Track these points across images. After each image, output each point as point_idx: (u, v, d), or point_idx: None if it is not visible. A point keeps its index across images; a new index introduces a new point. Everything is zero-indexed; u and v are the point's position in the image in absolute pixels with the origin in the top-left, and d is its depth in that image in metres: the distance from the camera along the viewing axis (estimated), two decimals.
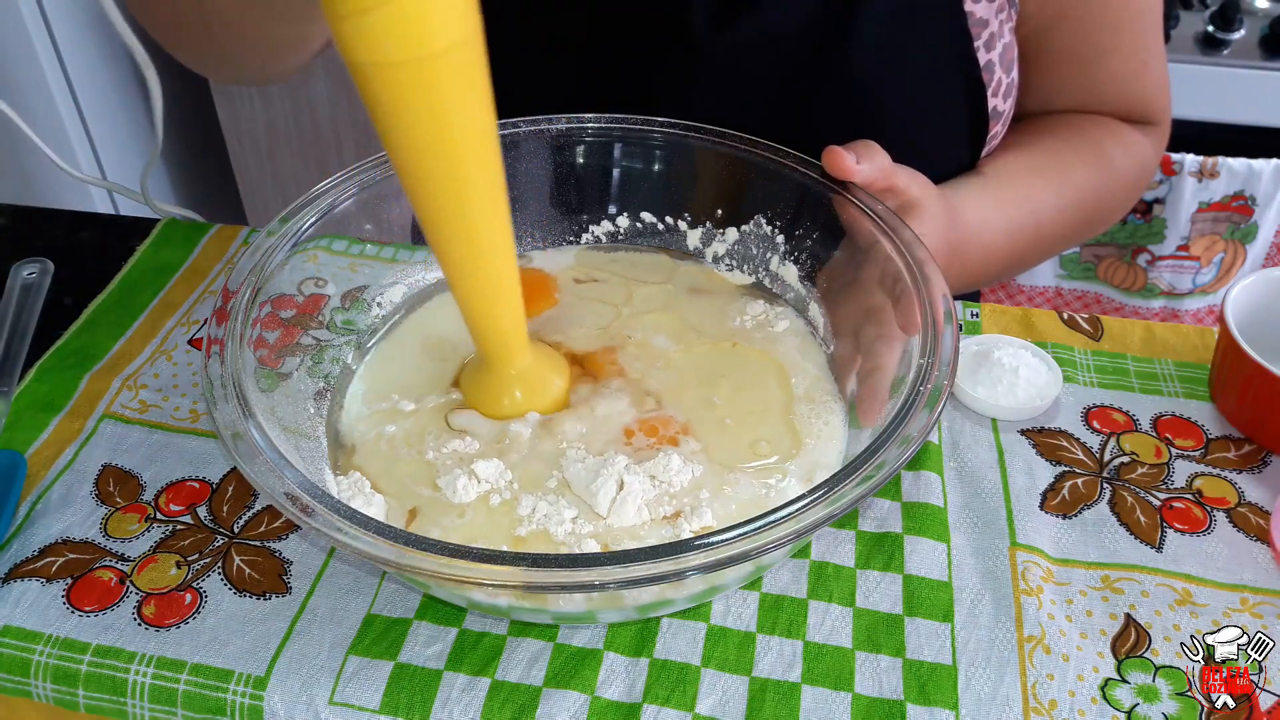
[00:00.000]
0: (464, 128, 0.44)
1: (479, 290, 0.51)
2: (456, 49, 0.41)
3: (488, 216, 0.48)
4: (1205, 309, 1.49)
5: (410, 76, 0.41)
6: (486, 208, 0.47)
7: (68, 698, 0.50)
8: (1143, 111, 0.77)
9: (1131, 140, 0.76)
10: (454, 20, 0.40)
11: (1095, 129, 0.75)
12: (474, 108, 0.44)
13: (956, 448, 0.61)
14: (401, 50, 0.40)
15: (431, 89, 0.42)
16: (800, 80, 0.69)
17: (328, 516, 0.42)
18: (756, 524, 0.41)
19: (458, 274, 0.50)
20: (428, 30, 0.40)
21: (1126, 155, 0.76)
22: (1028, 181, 0.73)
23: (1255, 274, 0.63)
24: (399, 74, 0.41)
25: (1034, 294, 1.54)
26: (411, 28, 0.39)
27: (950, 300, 0.51)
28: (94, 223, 0.80)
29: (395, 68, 0.40)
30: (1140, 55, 0.74)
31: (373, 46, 0.40)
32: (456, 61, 0.41)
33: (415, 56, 0.40)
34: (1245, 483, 0.59)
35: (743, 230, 0.64)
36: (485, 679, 0.49)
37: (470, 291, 0.51)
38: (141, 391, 0.64)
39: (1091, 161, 0.74)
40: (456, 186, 0.46)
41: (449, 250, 0.49)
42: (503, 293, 0.51)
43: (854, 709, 0.48)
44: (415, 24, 0.39)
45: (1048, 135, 0.75)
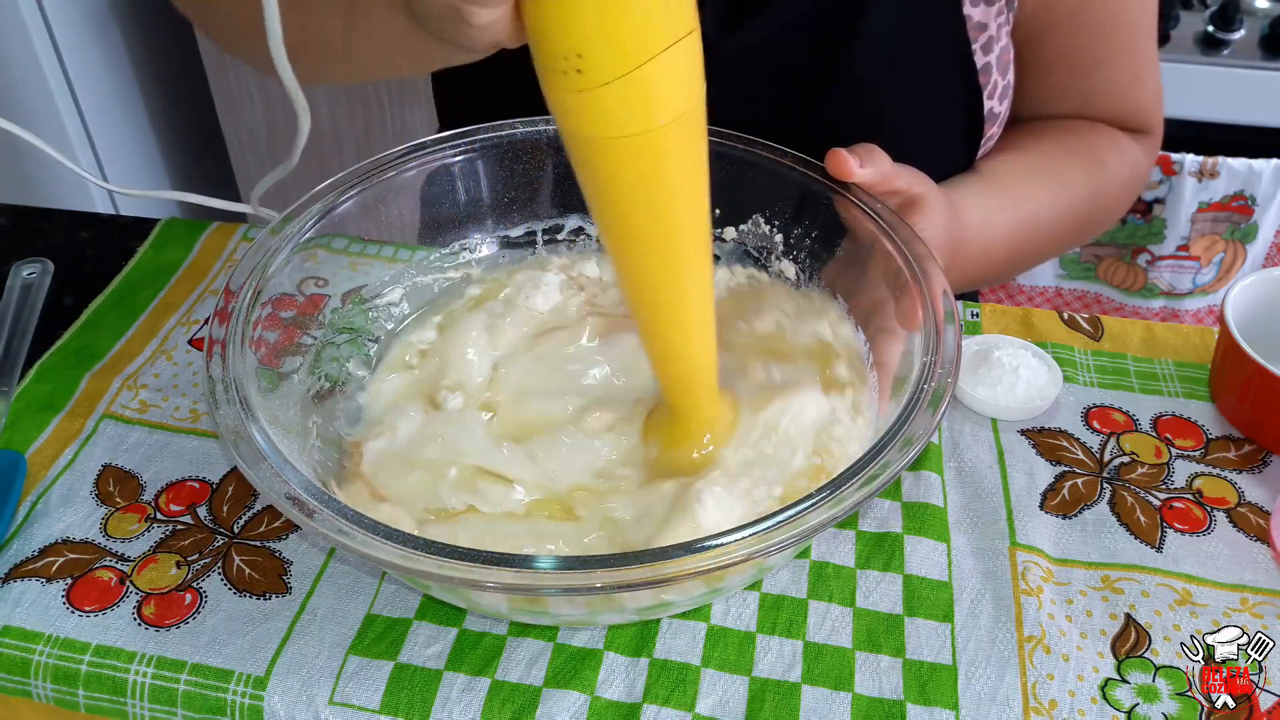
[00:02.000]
0: (684, 196, 0.44)
1: (683, 348, 0.50)
2: (683, 118, 0.41)
3: (698, 279, 0.47)
4: (1205, 309, 1.49)
5: (638, 148, 0.41)
6: (697, 270, 0.47)
7: (68, 698, 0.50)
8: (1136, 121, 0.77)
9: (1125, 148, 0.77)
10: (683, 91, 0.40)
11: (1091, 136, 0.76)
12: (694, 174, 0.44)
13: (956, 448, 0.61)
14: (634, 124, 0.40)
15: (658, 159, 0.42)
16: (806, 81, 0.69)
17: (330, 518, 0.42)
18: (759, 527, 0.41)
19: (663, 331, 0.50)
20: (661, 103, 0.40)
21: (1121, 163, 0.76)
22: (1027, 184, 0.73)
23: (1255, 274, 0.64)
24: (626, 146, 0.41)
25: (1034, 294, 1.54)
26: (647, 101, 0.39)
27: (951, 299, 0.51)
28: (94, 223, 0.80)
29: (623, 140, 0.40)
30: (1135, 65, 0.75)
31: (603, 122, 0.40)
32: (683, 131, 0.41)
33: (646, 129, 0.40)
34: (1245, 483, 0.59)
35: (741, 229, 0.64)
36: (485, 679, 0.49)
37: (673, 349, 0.50)
38: (141, 391, 0.64)
39: (1088, 167, 0.74)
40: (671, 253, 0.46)
41: (656, 310, 0.49)
42: (706, 346, 0.50)
43: (854, 709, 0.48)
44: (651, 97, 0.39)
45: (1045, 140, 0.75)
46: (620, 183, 0.43)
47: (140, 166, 1.74)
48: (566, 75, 0.39)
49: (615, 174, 0.42)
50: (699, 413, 0.53)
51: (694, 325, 0.49)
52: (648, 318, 0.50)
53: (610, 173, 0.42)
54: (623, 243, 0.47)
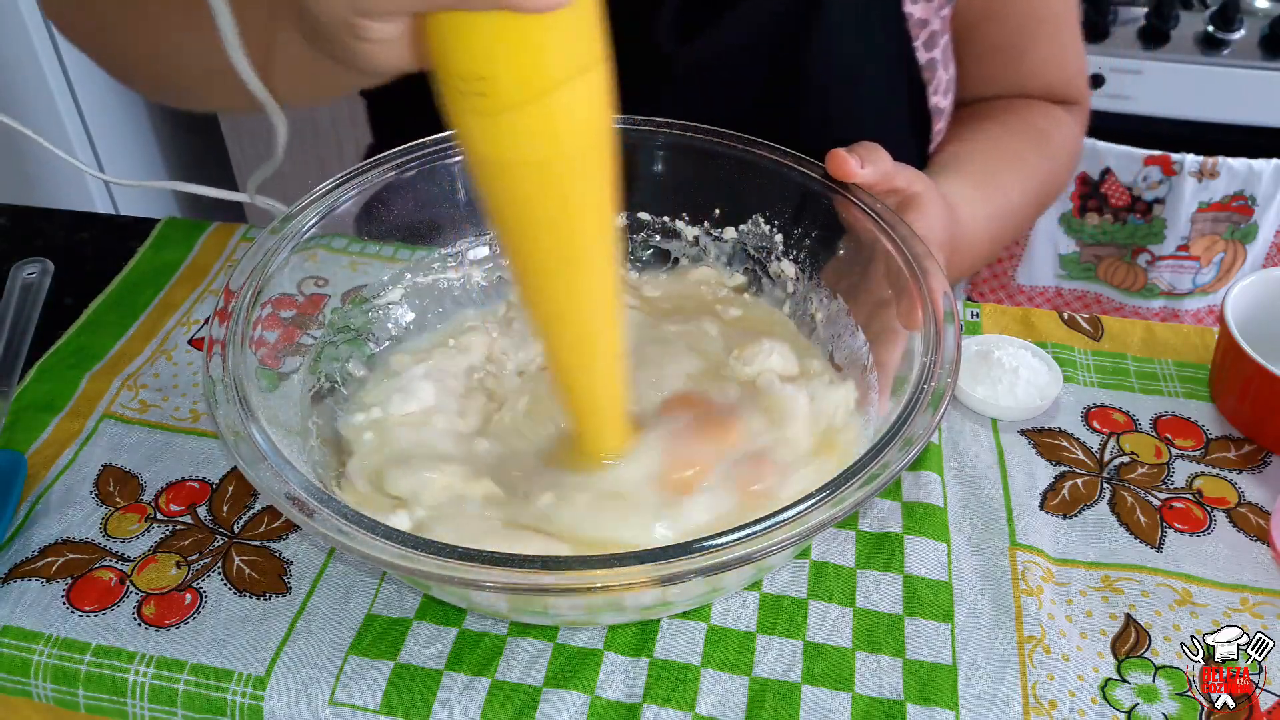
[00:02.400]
0: (585, 225, 0.43)
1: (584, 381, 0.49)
2: (587, 149, 0.40)
3: (600, 307, 0.47)
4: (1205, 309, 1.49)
5: (539, 176, 0.40)
6: (599, 298, 0.46)
7: (68, 698, 0.50)
8: (1066, 93, 0.80)
9: (1064, 122, 0.80)
10: (588, 122, 0.40)
11: (1035, 116, 0.78)
12: (597, 205, 0.43)
13: (956, 448, 0.61)
14: (536, 151, 0.39)
15: (560, 187, 0.41)
16: (761, 89, 0.71)
17: (330, 518, 0.42)
18: (759, 526, 0.41)
19: (565, 364, 0.49)
20: (565, 132, 0.39)
21: (1062, 138, 0.80)
22: (1000, 173, 0.75)
23: (1255, 274, 0.64)
24: (528, 173, 0.40)
25: (1034, 294, 1.54)
26: (551, 129, 0.39)
27: (952, 299, 0.51)
28: (94, 223, 0.80)
29: (524, 167, 0.40)
30: (1059, 45, 0.78)
31: (506, 146, 0.39)
32: (586, 161, 0.41)
33: (548, 157, 0.39)
34: (1245, 483, 0.59)
35: (740, 229, 0.64)
36: (485, 679, 0.49)
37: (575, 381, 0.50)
38: (141, 391, 0.64)
39: (1040, 148, 0.77)
40: (571, 282, 0.45)
41: (559, 342, 0.48)
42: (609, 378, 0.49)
43: (854, 709, 0.48)
44: (555, 125, 0.39)
45: (997, 125, 0.78)
46: (520, 208, 0.42)
47: (140, 165, 1.74)
48: (468, 97, 0.38)
49: (516, 199, 0.42)
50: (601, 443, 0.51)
51: (595, 355, 0.48)
52: (550, 344, 0.49)
53: (511, 198, 0.42)
54: (522, 269, 0.46)
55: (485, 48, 0.37)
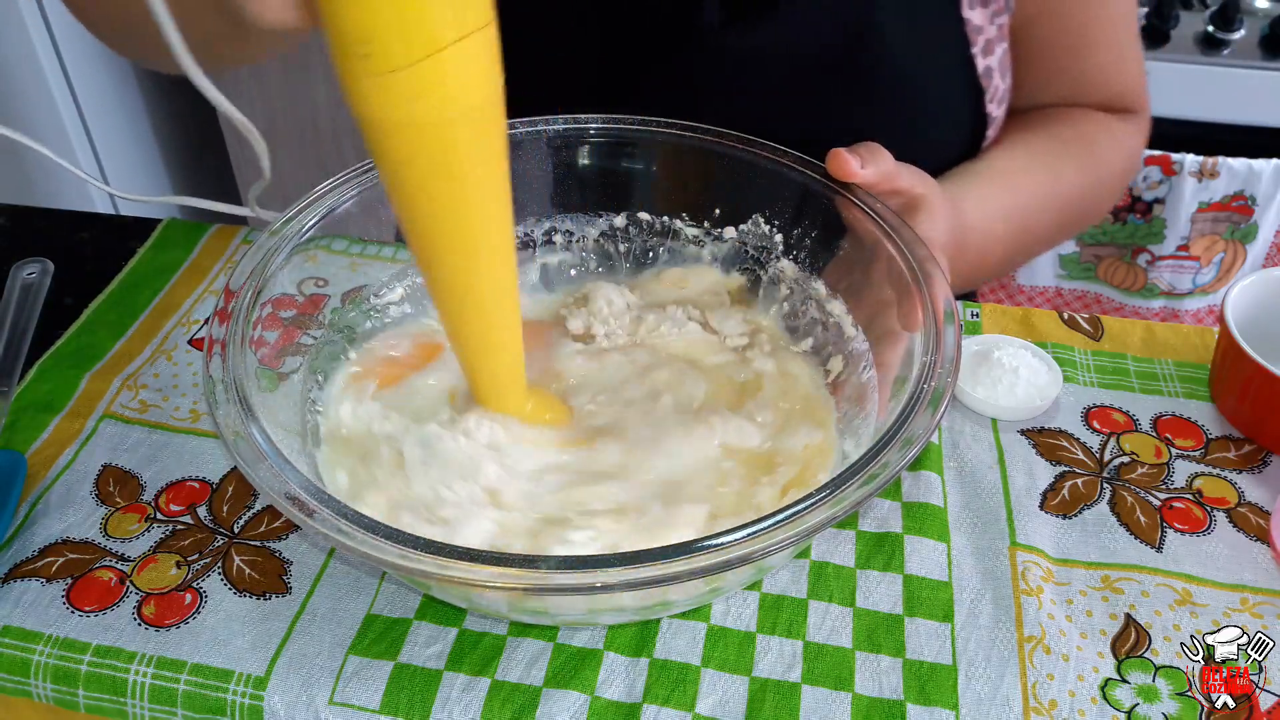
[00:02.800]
0: (477, 187, 0.43)
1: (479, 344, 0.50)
2: (475, 111, 0.40)
3: (495, 273, 0.47)
4: (1205, 309, 1.49)
5: (428, 138, 0.40)
6: (494, 265, 0.47)
7: (68, 698, 0.50)
8: (1125, 101, 0.78)
9: (1119, 133, 0.77)
10: (477, 84, 0.40)
11: (1086, 124, 0.76)
12: (489, 167, 0.43)
13: (956, 448, 0.61)
14: (423, 113, 0.39)
15: (449, 150, 0.41)
16: (814, 85, 0.69)
17: (329, 518, 0.42)
18: (759, 526, 0.41)
19: (459, 326, 0.49)
20: (453, 94, 0.39)
21: (1115, 150, 0.77)
22: (1022, 180, 0.73)
23: (1255, 274, 0.64)
24: (416, 135, 0.40)
25: (1034, 294, 1.54)
26: (438, 90, 0.39)
27: (952, 299, 0.51)
28: (94, 223, 0.80)
29: (412, 129, 0.40)
30: (1119, 47, 0.76)
31: (392, 107, 0.39)
32: (475, 124, 0.41)
33: (435, 120, 0.40)
34: (1245, 483, 0.59)
35: (740, 229, 0.64)
36: (485, 679, 0.49)
37: (470, 344, 0.50)
38: (141, 391, 0.64)
39: (1083, 159, 0.75)
40: (467, 243, 0.45)
41: (451, 304, 0.49)
42: (505, 344, 0.50)
43: (854, 709, 0.48)
44: (442, 87, 0.39)
45: (1040, 133, 0.76)
46: (410, 170, 0.42)
47: (140, 166, 1.74)
48: (354, 59, 0.38)
49: (405, 161, 0.42)
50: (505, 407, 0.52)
51: (489, 316, 0.49)
52: (444, 307, 0.49)
53: (400, 159, 0.42)
54: (413, 232, 0.46)
55: (371, 8, 0.37)
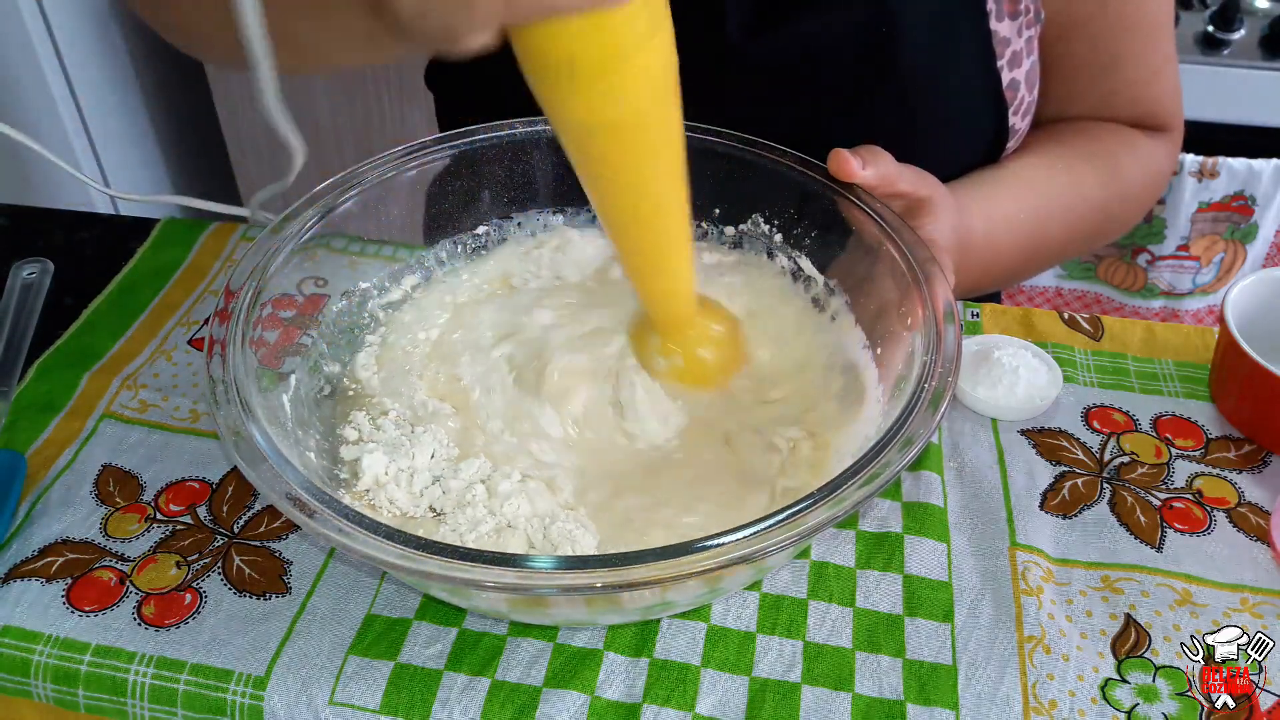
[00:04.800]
0: (671, 164, 0.48)
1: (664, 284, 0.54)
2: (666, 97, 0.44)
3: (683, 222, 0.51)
4: (1205, 309, 1.49)
5: (629, 131, 0.44)
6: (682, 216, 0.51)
7: (68, 698, 0.50)
8: (1155, 118, 0.77)
9: (1144, 150, 0.76)
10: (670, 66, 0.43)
11: (1110, 139, 0.75)
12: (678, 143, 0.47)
13: (956, 448, 0.61)
14: (625, 109, 0.43)
15: (646, 136, 0.45)
16: (838, 95, 0.69)
17: (330, 518, 0.42)
18: (759, 526, 0.41)
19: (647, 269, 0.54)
20: (651, 83, 0.43)
21: (1139, 166, 0.76)
22: (1037, 189, 0.73)
23: (1255, 274, 0.63)
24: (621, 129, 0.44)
25: (1034, 294, 1.54)
26: (640, 84, 0.42)
27: (952, 299, 0.51)
28: (94, 223, 0.80)
29: (615, 126, 0.44)
30: (1153, 62, 0.74)
31: (595, 110, 0.43)
32: (667, 107, 0.45)
33: (636, 112, 0.43)
34: (1245, 483, 0.59)
35: (740, 229, 0.64)
36: (485, 679, 0.49)
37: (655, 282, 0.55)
38: (141, 391, 0.64)
39: (1104, 174, 0.74)
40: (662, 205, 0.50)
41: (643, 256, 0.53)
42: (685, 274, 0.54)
43: (854, 709, 0.48)
44: (643, 80, 0.42)
45: (1063, 144, 0.75)
46: (610, 164, 0.47)
47: (141, 167, 1.74)
48: (561, 78, 0.41)
49: (604, 157, 0.46)
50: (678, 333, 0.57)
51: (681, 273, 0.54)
52: (641, 265, 0.54)
53: (600, 156, 0.46)
54: (618, 220, 0.51)
55: (571, 37, 0.39)
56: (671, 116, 0.46)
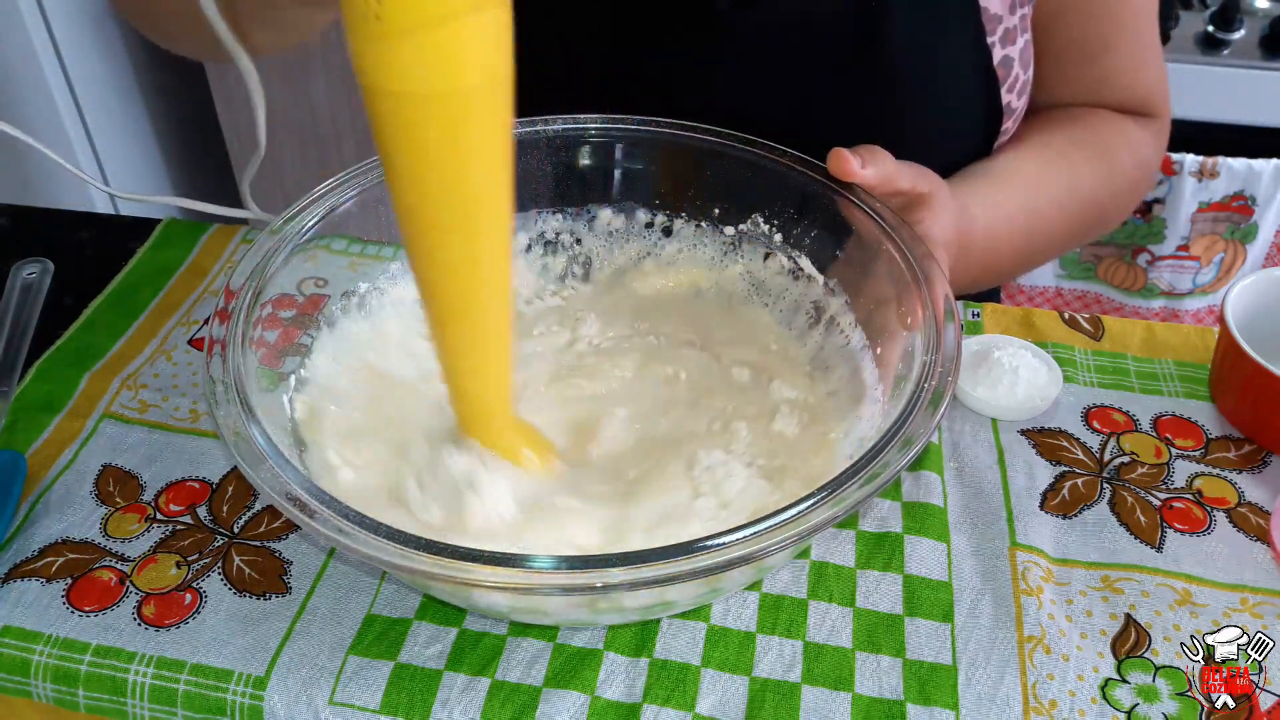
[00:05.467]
0: (481, 173, 0.42)
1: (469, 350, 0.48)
2: (484, 89, 0.40)
3: (489, 272, 0.46)
4: (1205, 309, 1.49)
5: (433, 110, 0.39)
6: (489, 262, 0.45)
7: (68, 698, 0.50)
8: (1145, 104, 0.78)
9: (1136, 139, 0.77)
10: (487, 60, 0.39)
11: (1104, 129, 0.76)
12: (493, 151, 0.42)
13: (956, 448, 0.61)
14: (431, 82, 0.38)
15: (454, 126, 0.40)
16: (829, 68, 0.69)
17: (330, 518, 0.42)
18: (759, 526, 0.41)
19: (447, 324, 0.47)
20: (462, 66, 0.38)
21: (1132, 156, 0.76)
22: (1034, 183, 0.73)
23: (1255, 274, 0.63)
24: (421, 105, 0.39)
25: (1034, 294, 1.54)
26: (449, 59, 0.38)
27: (952, 299, 0.51)
28: (94, 223, 0.80)
29: (418, 99, 0.39)
30: (1140, 49, 0.75)
31: (399, 75, 0.38)
32: (483, 102, 0.40)
33: (442, 91, 0.39)
34: (1245, 483, 0.59)
35: (739, 229, 0.64)
36: (485, 679, 0.49)
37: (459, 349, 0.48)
38: (141, 391, 0.64)
39: (1098, 165, 0.74)
40: (462, 232, 0.44)
41: (440, 296, 0.46)
42: (491, 356, 0.48)
43: (854, 709, 0.48)
44: (452, 56, 0.38)
45: (1057, 134, 0.75)
46: (412, 145, 0.41)
47: (140, 166, 1.74)
48: (366, 21, 0.37)
49: (408, 135, 0.41)
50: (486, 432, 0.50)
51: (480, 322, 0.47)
52: (432, 309, 0.47)
53: (404, 133, 0.41)
54: (407, 216, 0.44)
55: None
56: (492, 117, 0.41)
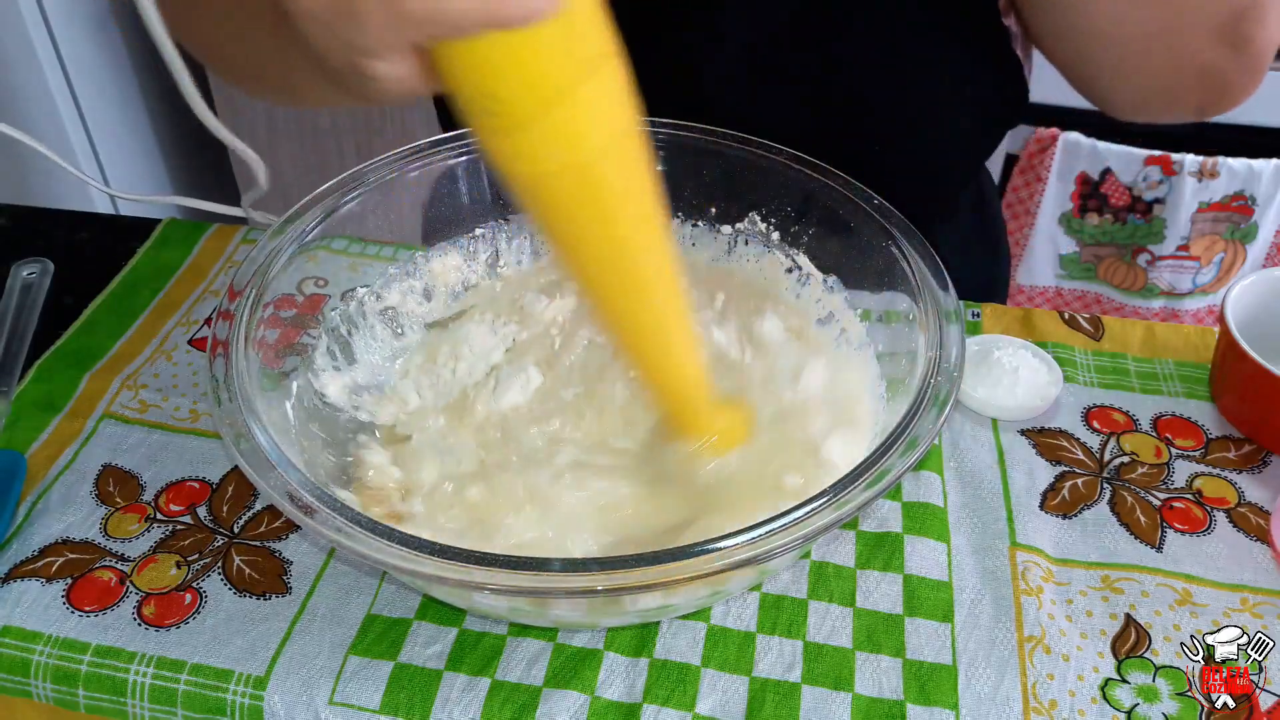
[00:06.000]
0: (628, 219, 0.43)
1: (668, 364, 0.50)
2: (611, 145, 0.40)
3: (663, 298, 0.47)
4: (1205, 309, 1.49)
5: (569, 181, 0.40)
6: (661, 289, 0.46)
7: (68, 698, 0.50)
8: None
9: None
10: (606, 118, 0.40)
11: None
12: (636, 197, 0.43)
13: (956, 448, 0.61)
14: (559, 159, 0.39)
15: (593, 189, 0.41)
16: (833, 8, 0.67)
17: (330, 517, 0.42)
18: (762, 529, 0.41)
19: (644, 358, 0.49)
20: (585, 135, 0.39)
21: None
22: None
23: (1255, 274, 0.64)
24: (558, 181, 0.40)
25: (1034, 294, 1.54)
26: (570, 135, 0.39)
27: (954, 297, 0.51)
28: (94, 223, 0.80)
29: (552, 176, 0.40)
30: None
31: (529, 159, 0.39)
32: (613, 158, 0.41)
33: (572, 163, 0.40)
34: (1245, 483, 0.59)
35: (736, 228, 0.64)
36: (485, 679, 0.49)
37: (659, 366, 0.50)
38: (141, 391, 0.64)
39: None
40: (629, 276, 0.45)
41: (633, 336, 0.49)
42: (690, 361, 0.50)
43: (854, 709, 0.48)
44: (573, 131, 0.39)
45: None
46: (559, 216, 0.43)
47: (141, 166, 1.74)
48: (484, 117, 0.38)
49: (553, 208, 0.42)
50: (696, 426, 0.52)
51: (671, 344, 0.49)
52: (622, 343, 0.50)
53: (547, 208, 0.42)
54: (581, 273, 0.46)
55: (485, 68, 0.36)
56: (626, 166, 0.42)
